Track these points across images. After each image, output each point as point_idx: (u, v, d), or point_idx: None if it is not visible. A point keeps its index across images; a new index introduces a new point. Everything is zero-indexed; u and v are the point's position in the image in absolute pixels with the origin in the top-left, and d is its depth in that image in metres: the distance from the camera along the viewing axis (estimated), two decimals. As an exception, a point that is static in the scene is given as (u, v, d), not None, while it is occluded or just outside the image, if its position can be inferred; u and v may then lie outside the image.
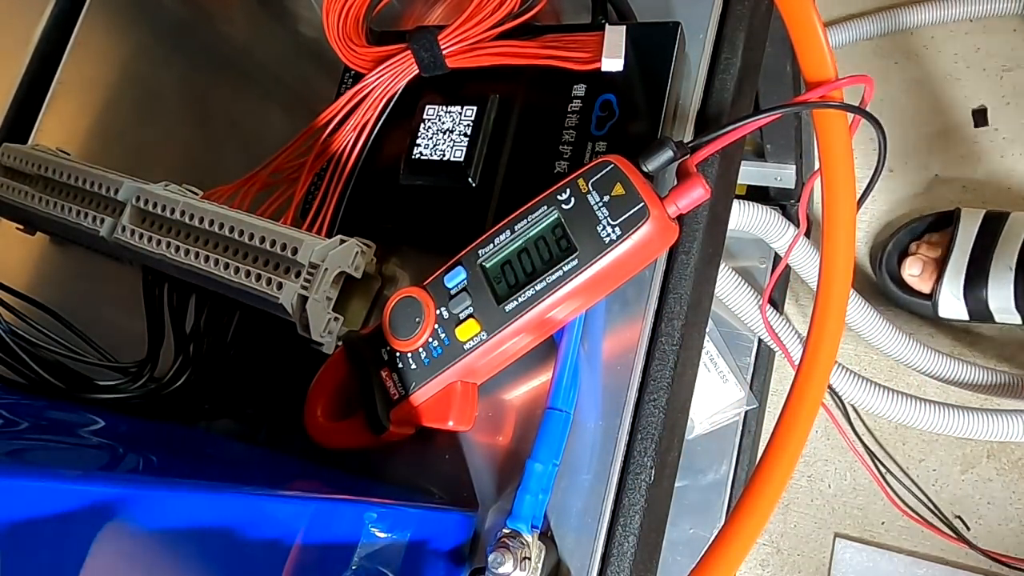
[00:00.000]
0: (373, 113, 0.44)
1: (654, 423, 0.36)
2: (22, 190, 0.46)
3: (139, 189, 0.42)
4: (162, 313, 0.42)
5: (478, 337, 0.35)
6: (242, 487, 0.25)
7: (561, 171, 0.39)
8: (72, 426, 0.33)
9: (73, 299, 0.49)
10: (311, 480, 0.36)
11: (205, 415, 0.43)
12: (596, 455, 0.36)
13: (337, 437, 0.39)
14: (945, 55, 1.05)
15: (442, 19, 0.48)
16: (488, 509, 0.37)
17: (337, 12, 0.44)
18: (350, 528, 0.30)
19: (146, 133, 0.54)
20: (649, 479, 0.36)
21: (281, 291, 0.37)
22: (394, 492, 0.38)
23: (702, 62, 0.41)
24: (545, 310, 0.34)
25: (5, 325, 0.38)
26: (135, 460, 0.28)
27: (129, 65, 0.57)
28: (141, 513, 0.21)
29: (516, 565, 0.33)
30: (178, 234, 0.40)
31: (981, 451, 0.92)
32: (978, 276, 0.86)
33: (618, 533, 0.35)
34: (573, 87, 0.40)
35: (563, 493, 0.36)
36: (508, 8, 0.41)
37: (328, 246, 0.38)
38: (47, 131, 0.56)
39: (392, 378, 0.37)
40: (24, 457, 0.24)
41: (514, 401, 0.39)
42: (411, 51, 0.43)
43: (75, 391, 0.39)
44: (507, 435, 0.39)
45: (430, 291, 0.36)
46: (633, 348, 0.37)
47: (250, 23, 0.55)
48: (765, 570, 0.97)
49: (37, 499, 0.18)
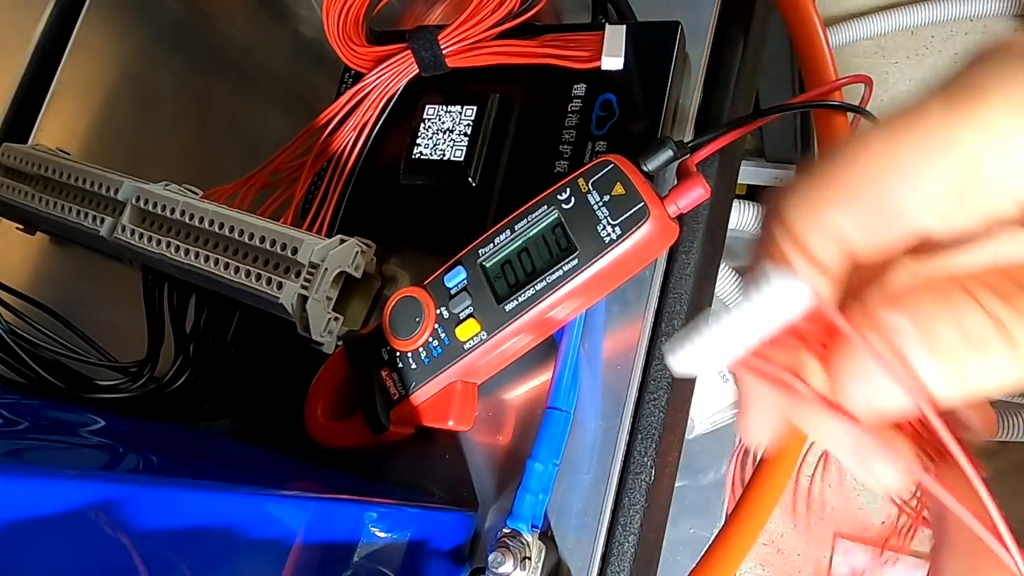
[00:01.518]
0: (373, 113, 0.44)
1: (654, 423, 0.36)
2: (22, 190, 0.46)
3: (139, 189, 0.42)
4: (162, 313, 0.42)
5: (478, 337, 0.35)
6: (242, 487, 0.25)
7: (561, 171, 0.39)
8: (72, 426, 0.33)
9: (73, 299, 0.49)
10: (311, 480, 0.36)
11: (205, 415, 0.43)
12: (596, 455, 0.36)
13: (337, 437, 0.39)
14: (945, 55, 1.05)
15: (442, 19, 0.48)
16: (488, 509, 0.37)
17: (337, 12, 0.44)
18: (350, 528, 0.30)
19: (146, 133, 0.54)
20: (649, 479, 0.36)
21: (281, 291, 0.37)
22: (394, 492, 0.38)
23: (702, 62, 0.41)
24: (545, 310, 0.34)
25: (5, 325, 0.38)
26: (135, 460, 0.28)
27: (129, 65, 0.57)
28: (141, 513, 0.21)
29: (516, 565, 0.33)
30: (178, 234, 0.40)
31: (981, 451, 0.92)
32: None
33: (618, 533, 0.35)
34: (573, 87, 0.40)
35: (563, 493, 0.36)
36: (508, 8, 0.41)
37: (328, 246, 0.38)
38: (47, 131, 0.56)
39: (392, 378, 0.37)
40: (24, 457, 0.24)
41: (514, 401, 0.39)
42: (411, 51, 0.43)
43: (75, 391, 0.39)
44: (507, 435, 0.39)
45: (430, 291, 0.36)
46: (633, 348, 0.37)
47: (250, 23, 0.55)
48: (765, 570, 0.97)
49: (37, 499, 0.18)
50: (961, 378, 0.15)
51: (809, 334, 0.17)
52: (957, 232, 0.16)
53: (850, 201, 0.16)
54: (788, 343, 0.17)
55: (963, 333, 0.14)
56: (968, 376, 0.15)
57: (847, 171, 0.16)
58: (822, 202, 0.16)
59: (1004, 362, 0.14)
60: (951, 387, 0.15)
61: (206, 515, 0.23)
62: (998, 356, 0.14)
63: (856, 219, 0.16)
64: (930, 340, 0.15)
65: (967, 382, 0.15)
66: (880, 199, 0.16)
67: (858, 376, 0.16)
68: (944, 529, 0.18)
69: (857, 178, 0.16)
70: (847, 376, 0.16)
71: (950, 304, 0.15)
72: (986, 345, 0.14)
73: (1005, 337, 0.14)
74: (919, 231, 0.16)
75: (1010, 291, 0.15)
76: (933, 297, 0.15)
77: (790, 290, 0.16)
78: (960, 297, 0.15)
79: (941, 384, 0.15)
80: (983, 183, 0.15)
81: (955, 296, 0.15)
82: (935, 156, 0.15)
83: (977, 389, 0.15)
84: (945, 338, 0.15)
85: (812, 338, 0.17)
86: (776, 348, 0.17)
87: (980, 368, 0.14)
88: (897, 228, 0.16)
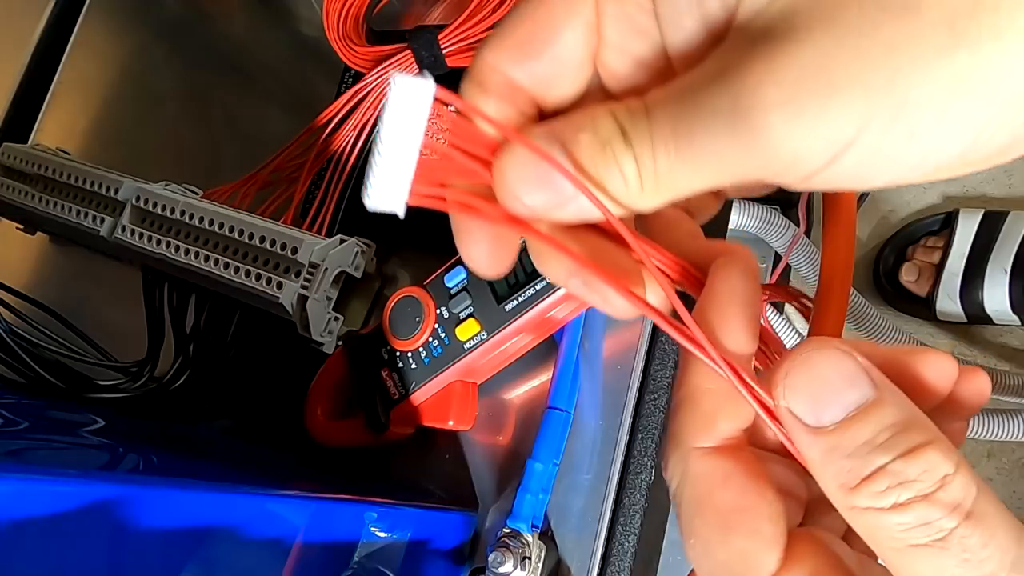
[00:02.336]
0: (373, 113, 0.44)
1: (654, 423, 0.36)
2: (22, 190, 0.46)
3: (139, 189, 0.42)
4: (162, 313, 0.42)
5: (478, 337, 0.35)
6: (242, 487, 0.25)
7: (561, 171, 0.39)
8: (72, 426, 0.33)
9: (73, 299, 0.49)
10: (311, 480, 0.36)
11: (205, 415, 0.43)
12: (596, 455, 0.36)
13: (337, 437, 0.39)
14: (945, 55, 1.05)
15: (442, 18, 0.48)
16: (488, 509, 0.37)
17: (337, 11, 0.44)
18: (350, 528, 0.30)
19: (146, 133, 0.54)
20: (649, 479, 0.36)
21: (281, 291, 0.37)
22: (394, 492, 0.38)
23: (702, 62, 0.41)
24: (545, 309, 0.34)
25: (5, 325, 0.38)
26: (135, 459, 0.28)
27: (129, 65, 0.57)
28: (141, 512, 0.21)
29: (516, 565, 0.33)
30: (178, 234, 0.40)
31: (981, 451, 0.92)
32: (974, 280, 0.86)
33: (618, 533, 0.35)
34: (573, 87, 0.40)
35: (563, 493, 0.36)
36: (508, 7, 0.41)
37: (328, 246, 0.37)
38: (47, 131, 0.56)
39: (392, 378, 0.37)
40: (24, 457, 0.24)
41: (514, 401, 0.39)
42: (411, 51, 0.43)
43: (75, 391, 0.39)
44: (507, 435, 0.39)
45: (430, 291, 0.36)
46: (633, 348, 0.37)
47: (250, 23, 0.55)
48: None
49: (37, 499, 0.18)
50: (596, 176, 0.17)
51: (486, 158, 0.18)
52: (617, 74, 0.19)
53: (516, 48, 0.19)
54: (465, 168, 0.18)
55: (596, 137, 0.17)
56: (601, 173, 0.17)
57: (512, 24, 0.19)
58: (494, 51, 0.19)
59: (627, 164, 0.17)
60: (593, 182, 0.17)
61: (206, 515, 0.23)
62: (622, 157, 0.17)
63: (526, 66, 0.19)
64: (572, 143, 0.17)
65: (601, 179, 0.17)
66: (539, 46, 0.19)
67: (514, 177, 0.18)
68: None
69: (521, 30, 0.19)
70: (508, 178, 0.18)
71: (592, 116, 0.17)
72: (611, 145, 0.17)
73: (625, 141, 0.17)
74: (582, 75, 0.19)
75: (637, 107, 0.17)
76: (581, 113, 0.18)
77: (412, 85, 0.18)
78: (599, 110, 0.17)
79: (588, 178, 0.17)
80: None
81: (596, 111, 0.17)
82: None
83: (611, 187, 0.17)
84: (582, 141, 0.17)
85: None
86: (458, 177, 0.18)
87: (608, 167, 0.17)
88: (561, 72, 0.19)
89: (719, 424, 0.18)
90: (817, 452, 0.16)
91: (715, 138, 0.16)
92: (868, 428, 0.16)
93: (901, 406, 0.16)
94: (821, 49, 0.15)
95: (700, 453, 0.18)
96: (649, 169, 0.17)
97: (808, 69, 0.15)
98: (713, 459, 0.18)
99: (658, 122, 0.17)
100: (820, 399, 0.16)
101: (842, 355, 0.16)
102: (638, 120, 0.17)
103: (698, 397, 0.18)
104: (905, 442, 0.16)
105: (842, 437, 0.16)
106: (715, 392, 0.18)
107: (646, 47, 0.19)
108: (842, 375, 0.16)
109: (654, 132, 0.16)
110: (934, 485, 0.15)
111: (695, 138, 0.16)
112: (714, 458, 0.18)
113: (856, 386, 0.16)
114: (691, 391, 0.18)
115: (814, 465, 0.17)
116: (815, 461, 0.16)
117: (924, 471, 0.15)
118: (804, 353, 0.17)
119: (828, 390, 0.16)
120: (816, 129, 0.15)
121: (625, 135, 0.17)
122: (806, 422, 0.16)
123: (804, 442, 0.17)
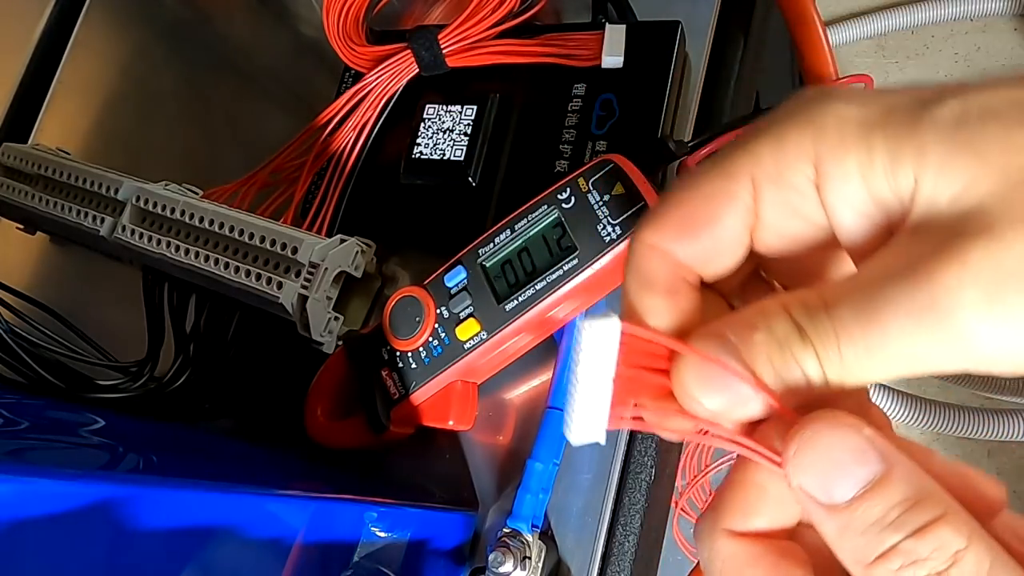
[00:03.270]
0: (373, 113, 0.44)
1: (654, 422, 0.36)
2: (22, 190, 0.46)
3: (139, 188, 0.42)
4: (162, 313, 0.42)
5: (478, 336, 0.35)
6: (242, 487, 0.25)
7: (561, 170, 0.39)
8: (72, 426, 0.33)
9: (73, 299, 0.49)
10: (311, 480, 0.36)
11: (205, 415, 0.43)
12: (596, 454, 0.36)
13: (337, 437, 0.39)
14: (945, 55, 1.05)
15: (442, 18, 0.48)
16: (488, 508, 0.37)
17: (337, 11, 0.44)
18: (350, 527, 0.30)
19: (146, 133, 0.54)
20: (649, 479, 0.36)
21: (281, 290, 0.37)
22: (394, 492, 0.37)
23: (702, 62, 0.41)
24: (545, 309, 0.34)
25: (5, 325, 0.38)
26: (135, 459, 0.28)
27: (129, 65, 0.57)
28: (141, 512, 0.21)
29: (516, 565, 0.33)
30: (178, 233, 0.40)
31: (981, 450, 0.92)
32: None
33: (618, 532, 0.35)
34: (573, 86, 0.40)
35: (563, 492, 0.36)
36: (508, 7, 0.41)
37: (328, 245, 0.37)
38: (47, 131, 0.56)
39: (392, 377, 0.37)
40: (24, 457, 0.24)
41: (514, 401, 0.39)
42: (411, 50, 0.43)
43: (75, 391, 0.39)
44: (507, 435, 0.39)
45: (430, 290, 0.36)
46: (633, 347, 0.37)
47: (250, 23, 0.55)
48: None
49: (37, 499, 0.18)
50: (775, 376, 0.17)
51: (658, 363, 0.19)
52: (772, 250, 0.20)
53: (677, 230, 0.19)
54: (649, 383, 0.19)
55: (772, 337, 0.17)
56: (781, 373, 0.17)
57: (672, 207, 0.20)
58: (655, 231, 0.20)
59: (808, 361, 0.17)
60: (772, 382, 0.17)
61: (206, 515, 0.23)
62: (801, 356, 0.17)
63: (686, 245, 0.19)
64: (745, 344, 0.17)
65: (781, 379, 0.17)
66: (700, 227, 0.19)
67: (693, 385, 0.18)
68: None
69: (680, 212, 0.19)
70: (687, 386, 0.18)
71: (764, 314, 0.17)
72: (789, 345, 0.17)
73: (803, 339, 0.17)
74: (741, 251, 0.20)
75: (815, 303, 0.17)
76: (752, 309, 0.18)
77: (599, 327, 0.18)
78: (772, 307, 0.17)
79: (767, 378, 0.17)
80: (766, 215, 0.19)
81: (768, 307, 0.17)
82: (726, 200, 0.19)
83: (792, 384, 0.17)
84: (758, 341, 0.17)
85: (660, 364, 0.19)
86: (644, 393, 0.19)
87: (788, 366, 0.17)
88: (720, 250, 0.19)
89: (753, 520, 0.18)
90: (832, 528, 0.17)
91: (910, 336, 0.16)
92: (879, 506, 0.16)
93: (911, 480, 0.16)
94: (1018, 252, 0.15)
95: (729, 534, 0.18)
96: (835, 365, 0.17)
97: (1006, 271, 0.15)
98: (741, 542, 0.18)
99: (842, 319, 0.16)
100: (829, 477, 0.17)
101: (848, 431, 0.17)
102: (817, 317, 0.17)
103: (747, 487, 0.19)
104: (916, 519, 0.16)
105: (854, 515, 0.16)
106: (764, 491, 0.18)
107: (803, 226, 0.19)
108: (850, 451, 0.17)
109: (838, 329, 0.16)
110: (946, 562, 0.15)
111: (888, 335, 0.16)
112: (743, 542, 0.18)
113: (864, 462, 0.16)
114: (745, 477, 0.19)
115: (831, 539, 0.17)
116: (831, 536, 0.17)
117: (935, 549, 0.15)
118: (810, 430, 0.17)
119: (837, 468, 0.16)
120: (1020, 330, 0.15)
121: (802, 332, 0.17)
122: (819, 500, 0.17)
123: (819, 517, 0.17)
